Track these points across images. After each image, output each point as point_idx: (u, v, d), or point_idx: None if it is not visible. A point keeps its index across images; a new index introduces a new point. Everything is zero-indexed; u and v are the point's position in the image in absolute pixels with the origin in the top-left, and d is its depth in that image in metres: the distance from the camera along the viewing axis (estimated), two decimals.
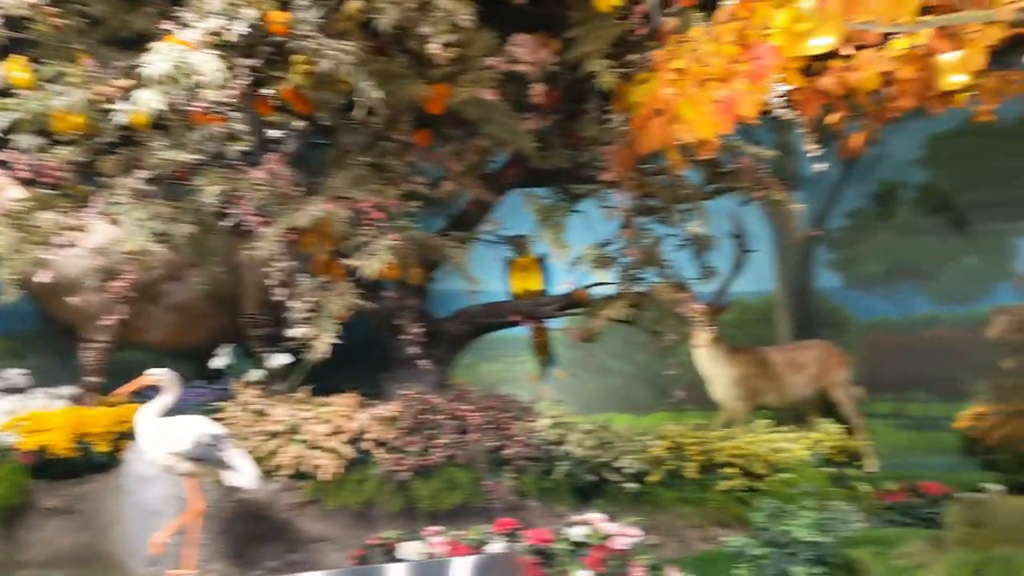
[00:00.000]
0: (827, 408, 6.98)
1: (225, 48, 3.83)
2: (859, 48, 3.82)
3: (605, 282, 5.07)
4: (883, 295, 7.34)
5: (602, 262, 4.95)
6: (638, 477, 4.91)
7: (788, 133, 7.88)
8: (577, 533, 3.68)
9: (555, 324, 5.91)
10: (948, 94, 4.28)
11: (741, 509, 4.86)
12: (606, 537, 3.64)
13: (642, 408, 7.72)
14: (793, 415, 7.07)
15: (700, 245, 5.59)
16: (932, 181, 7.11)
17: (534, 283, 5.74)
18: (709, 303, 6.60)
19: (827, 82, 3.63)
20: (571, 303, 5.24)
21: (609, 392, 7.74)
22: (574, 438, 4.71)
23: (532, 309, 5.41)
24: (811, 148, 5.39)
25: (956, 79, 3.34)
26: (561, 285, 5.79)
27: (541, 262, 5.78)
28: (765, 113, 5.09)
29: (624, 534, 3.64)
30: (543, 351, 6.11)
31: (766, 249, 7.71)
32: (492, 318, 5.39)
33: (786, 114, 4.38)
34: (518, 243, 5.73)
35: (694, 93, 2.52)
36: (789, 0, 2.21)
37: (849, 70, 3.62)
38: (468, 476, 4.59)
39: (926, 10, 3.62)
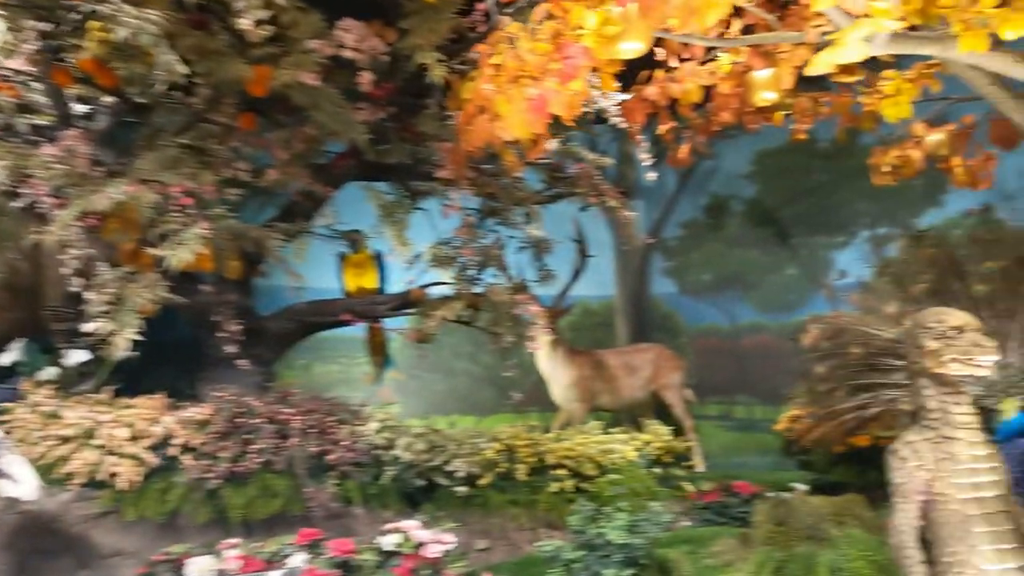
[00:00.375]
0: (660, 410, 7.27)
1: (11, 8, 3.43)
2: (683, 61, 3.93)
3: (442, 282, 4.97)
4: (712, 302, 7.70)
5: (440, 261, 4.84)
6: (469, 480, 4.83)
7: (629, 143, 8.14)
8: (389, 542, 3.53)
9: (393, 324, 5.75)
10: (764, 111, 4.49)
11: (570, 511, 4.89)
12: (419, 545, 3.51)
13: (486, 409, 7.70)
14: (628, 416, 7.29)
15: (539, 248, 5.62)
16: (759, 195, 7.53)
17: (369, 281, 5.54)
18: (550, 306, 6.69)
19: (651, 92, 3.70)
20: (407, 303, 5.10)
21: (454, 394, 7.66)
22: (403, 442, 4.57)
23: (365, 308, 5.21)
24: (644, 157, 5.55)
25: (767, 96, 3.48)
26: (399, 284, 5.65)
27: (377, 259, 5.59)
28: (602, 121, 5.20)
29: (439, 541, 3.53)
30: (378, 352, 5.93)
31: (607, 255, 7.91)
32: (321, 317, 5.15)
33: (620, 122, 4.48)
34: (352, 238, 5.51)
35: (509, 90, 2.47)
36: (601, 1, 2.20)
37: (672, 81, 3.71)
38: (286, 483, 4.33)
39: (746, 29, 3.79)
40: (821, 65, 2.49)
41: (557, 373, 6.67)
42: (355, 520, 4.56)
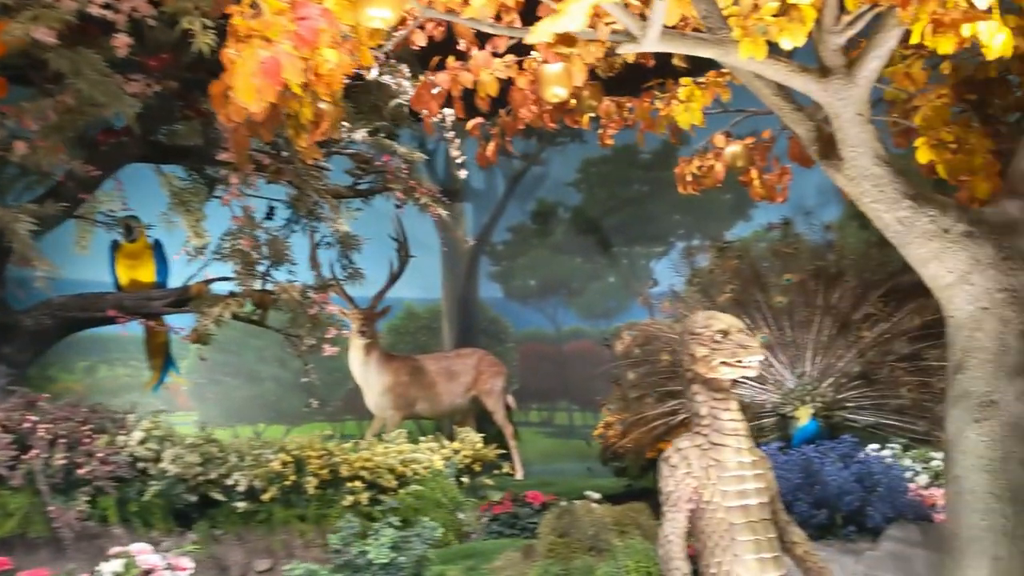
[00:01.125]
0: (484, 417, 7.12)
1: None
2: (482, 48, 3.76)
3: (225, 277, 4.55)
4: (538, 308, 7.67)
5: (224, 254, 4.42)
6: (251, 495, 4.43)
7: (461, 143, 7.97)
8: (111, 568, 3.11)
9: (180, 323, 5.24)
10: (572, 114, 4.41)
11: (367, 525, 4.59)
12: (148, 573, 3.12)
13: (297, 418, 7.26)
14: (449, 424, 7.09)
15: (345, 245, 5.30)
16: (583, 204, 7.58)
17: (144, 274, 4.99)
18: (364, 308, 6.38)
19: (441, 79, 3.50)
20: (187, 299, 4.62)
21: (260, 401, 7.18)
22: (170, 453, 4.11)
23: (136, 303, 4.68)
24: (456, 154, 5.36)
25: (558, 91, 3.35)
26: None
27: (156, 250, 5.07)
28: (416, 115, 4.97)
29: (174, 567, 3.14)
30: (158, 354, 5.38)
31: (434, 257, 7.71)
32: (85, 312, 4.58)
33: (419, 112, 4.26)
34: (127, 225, 4.96)
35: (242, 52, 2.18)
36: None
37: (466, 70, 3.53)
38: (25, 500, 3.78)
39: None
40: (540, 33, 2.35)
41: (370, 379, 6.36)
42: (112, 541, 4.05)
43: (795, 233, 6.05)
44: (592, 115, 4.45)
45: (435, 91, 3.57)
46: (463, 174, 4.94)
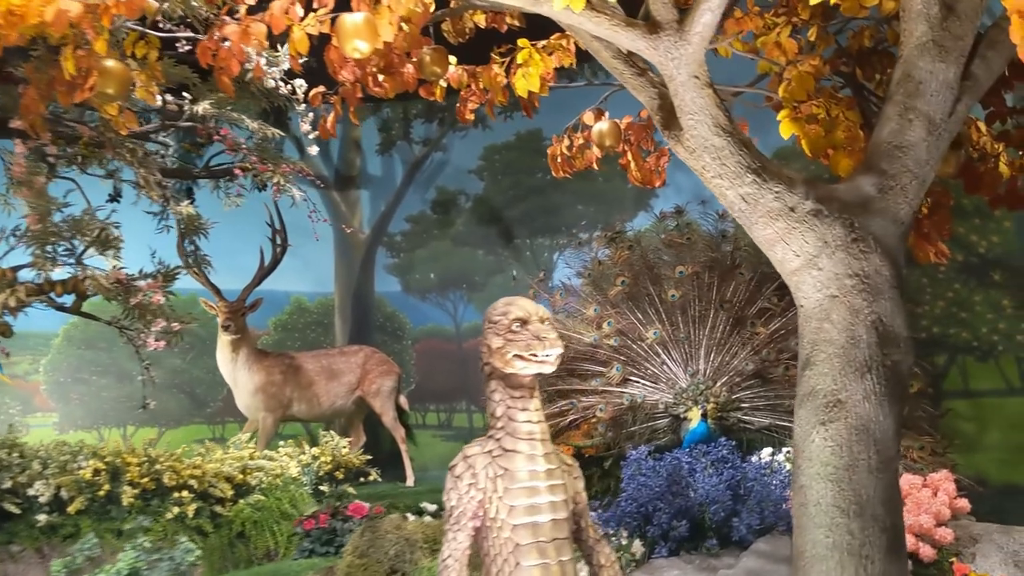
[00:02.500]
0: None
1: None
2: None
3: (26, 264, 4.06)
4: (437, 303, 7.24)
5: (27, 238, 3.93)
6: (56, 506, 3.95)
7: (358, 126, 7.52)
8: None
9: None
10: (427, 85, 3.99)
11: (198, 540, 4.13)
12: None
13: (172, 420, 6.76)
14: (340, 426, 6.65)
15: (189, 230, 4.83)
16: (486, 192, 7.16)
17: None
18: (231, 301, 5.90)
19: (230, 31, 3.05)
20: None
21: (130, 402, 6.63)
22: None
23: None
24: (306, 129, 4.91)
25: (359, 46, 2.92)
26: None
27: None
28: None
29: None
30: None
31: (328, 248, 7.25)
32: None
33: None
34: None
35: None
36: None
37: (261, 22, 3.09)
38: None
39: None
40: None
41: (239, 378, 5.87)
42: None
43: (688, 223, 5.70)
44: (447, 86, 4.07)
45: (226, 44, 3.13)
46: (313, 151, 4.48)
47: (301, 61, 3.35)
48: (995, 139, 3.96)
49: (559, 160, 4.51)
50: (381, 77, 3.63)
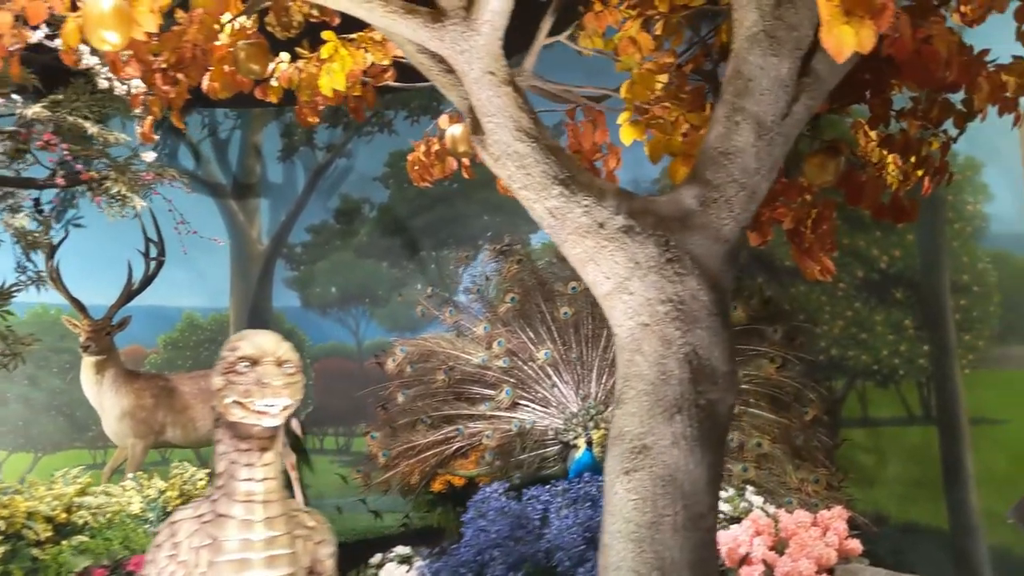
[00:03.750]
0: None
1: None
2: None
3: None
4: (338, 319, 6.83)
5: None
6: None
7: (258, 131, 7.14)
8: None
9: None
10: (263, 85, 3.61)
11: None
12: None
13: (50, 445, 6.32)
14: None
15: (27, 244, 4.43)
16: (391, 201, 6.77)
17: None
18: (95, 320, 5.48)
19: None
20: None
21: (4, 425, 6.22)
22: None
23: None
24: (138, 131, 4.51)
25: (108, 37, 2.53)
26: None
27: None
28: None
29: None
30: None
31: (224, 260, 6.84)
32: None
33: None
34: None
35: None
36: None
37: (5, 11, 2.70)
38: None
39: None
40: None
41: (105, 402, 5.45)
42: None
43: None
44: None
45: None
46: (149, 157, 4.10)
47: None
48: (878, 144, 3.64)
49: (417, 168, 4.16)
50: (181, 76, 3.27)
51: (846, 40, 2.18)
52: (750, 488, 4.45)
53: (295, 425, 6.20)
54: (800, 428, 4.39)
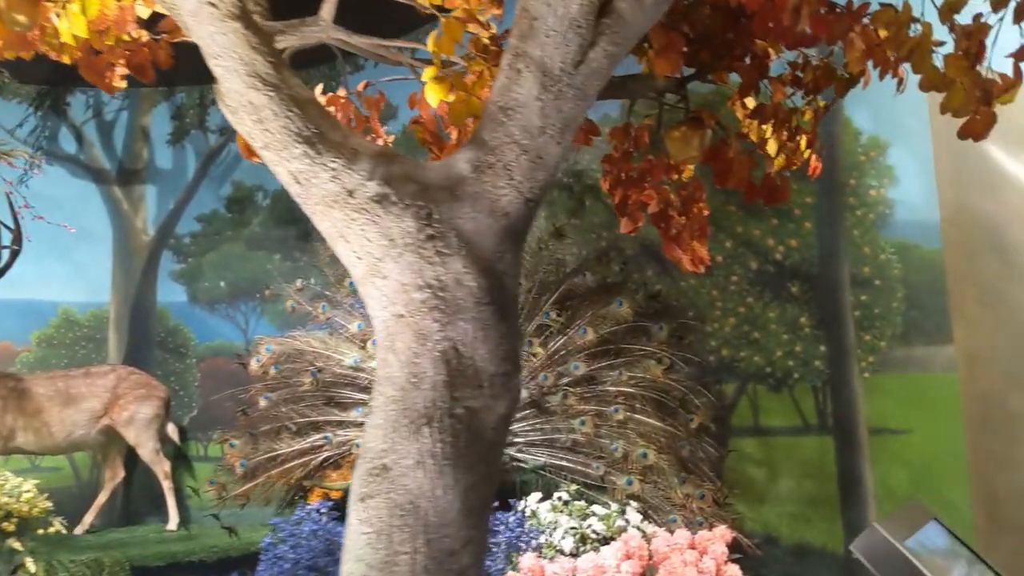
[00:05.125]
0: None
1: None
2: None
3: None
4: (227, 315, 6.34)
5: None
6: None
7: (146, 112, 6.66)
8: None
9: None
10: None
11: None
12: None
13: None
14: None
15: None
16: (285, 189, 6.25)
17: None
18: None
19: None
20: None
21: None
22: None
23: None
24: None
25: None
26: None
27: None
28: None
29: None
30: None
31: (106, 251, 6.34)
32: None
33: None
34: None
35: None
36: None
37: None
38: None
39: None
40: None
41: None
42: None
43: None
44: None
45: None
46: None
47: None
48: (749, 116, 3.20)
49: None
50: None
51: None
52: (634, 504, 4.01)
53: (171, 430, 5.71)
54: (686, 437, 3.94)
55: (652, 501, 3.97)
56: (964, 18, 2.62)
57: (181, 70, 3.49)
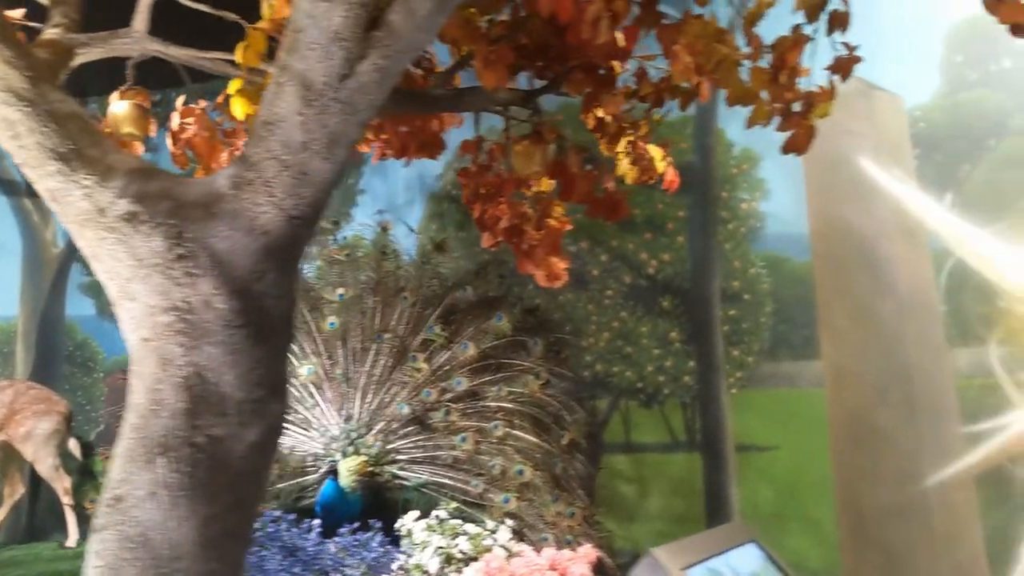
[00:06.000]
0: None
1: None
2: None
3: None
4: None
5: None
6: None
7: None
8: None
9: None
10: None
11: None
12: None
13: None
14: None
15: None
16: None
17: None
18: None
19: None
20: None
21: None
22: None
23: None
24: None
25: None
26: None
27: None
28: None
29: None
30: None
31: (15, 263, 6.23)
32: None
33: None
34: None
35: None
36: None
37: None
38: None
39: None
40: None
41: None
42: None
43: (364, 236, 4.79)
44: None
45: None
46: None
47: None
48: (592, 130, 3.16)
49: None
50: None
51: None
52: (509, 522, 3.94)
53: (73, 445, 5.60)
54: (559, 454, 3.88)
55: (528, 519, 3.91)
56: (784, 29, 2.58)
57: (93, 80, 3.43)
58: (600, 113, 3.15)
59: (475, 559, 3.73)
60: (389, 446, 4.36)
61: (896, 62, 3.70)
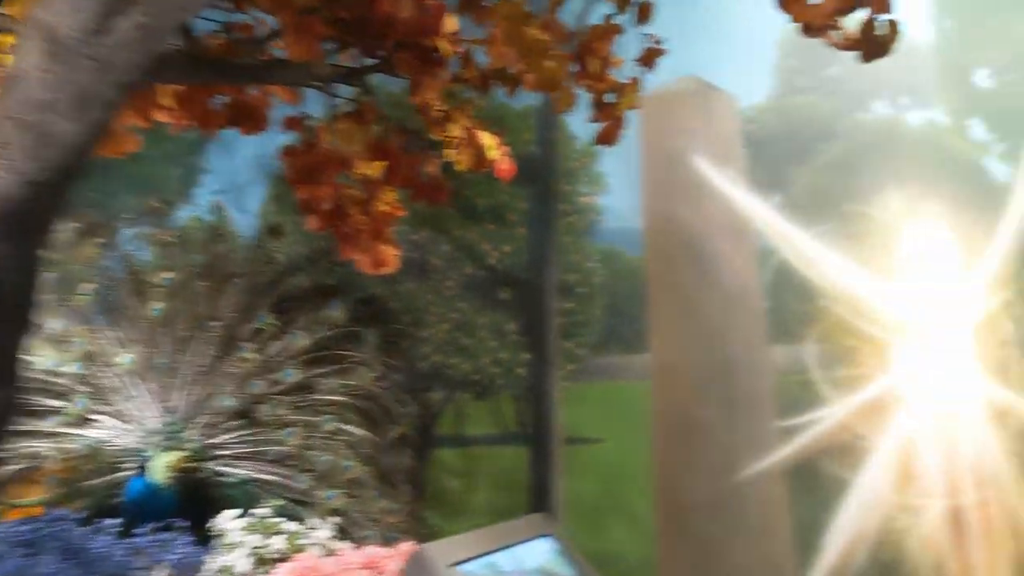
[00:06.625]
0: None
1: None
2: None
3: None
4: None
5: None
6: None
7: None
8: None
9: None
10: None
11: None
12: None
13: None
14: None
15: None
16: None
17: None
18: None
19: None
20: None
21: None
22: None
23: None
24: None
25: None
26: None
27: None
28: None
29: None
30: None
31: None
32: None
33: None
34: None
35: None
36: None
37: None
38: None
39: None
40: None
41: None
42: None
43: (198, 216, 4.53)
44: None
45: None
46: None
47: None
48: (417, 111, 3.07)
49: None
50: None
51: None
52: (336, 519, 3.78)
53: None
54: (387, 448, 3.78)
55: (353, 516, 3.77)
56: (597, 19, 2.56)
57: None
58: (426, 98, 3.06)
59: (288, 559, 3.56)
60: (211, 440, 4.12)
61: (731, 62, 3.79)
